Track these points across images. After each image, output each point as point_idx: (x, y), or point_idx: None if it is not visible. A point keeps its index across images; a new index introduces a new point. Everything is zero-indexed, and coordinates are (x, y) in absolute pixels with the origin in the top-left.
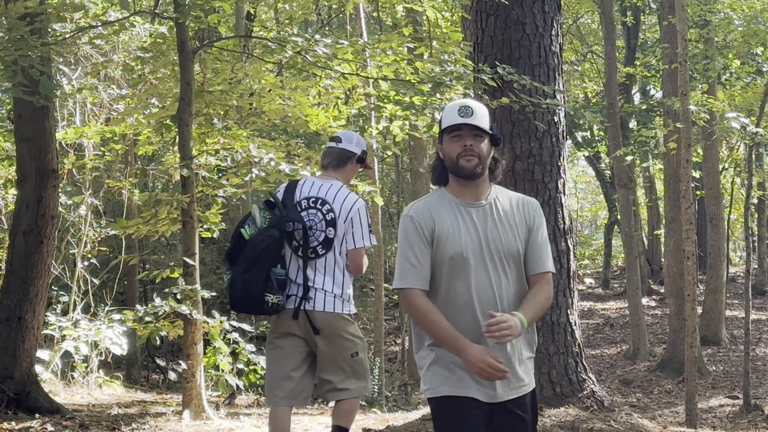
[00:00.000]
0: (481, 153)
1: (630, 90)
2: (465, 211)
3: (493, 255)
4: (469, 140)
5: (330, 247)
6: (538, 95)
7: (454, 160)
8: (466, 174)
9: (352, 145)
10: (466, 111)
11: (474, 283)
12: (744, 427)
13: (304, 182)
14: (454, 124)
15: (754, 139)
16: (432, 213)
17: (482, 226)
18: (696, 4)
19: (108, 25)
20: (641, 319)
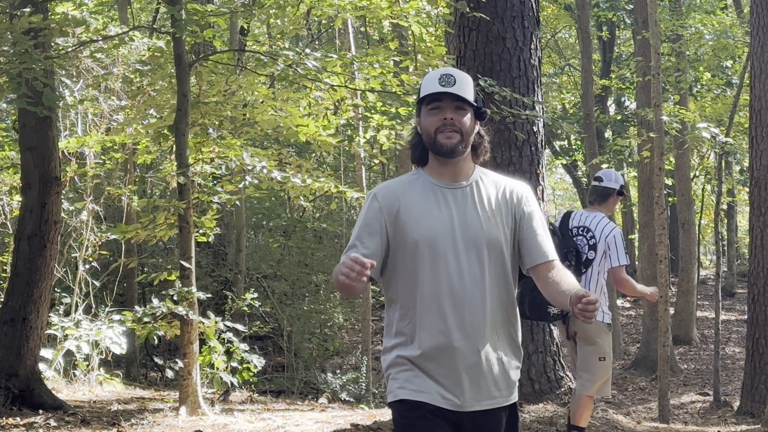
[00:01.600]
0: (463, 127)
1: (605, 101)
2: (440, 193)
3: (469, 242)
4: (449, 113)
5: (590, 266)
6: (518, 106)
7: (432, 135)
8: (445, 151)
9: (611, 183)
10: (448, 79)
11: (442, 272)
12: (714, 422)
13: (575, 214)
14: (433, 93)
15: (723, 148)
16: (399, 194)
17: (459, 210)
18: (668, 20)
19: (108, 39)
20: (616, 319)
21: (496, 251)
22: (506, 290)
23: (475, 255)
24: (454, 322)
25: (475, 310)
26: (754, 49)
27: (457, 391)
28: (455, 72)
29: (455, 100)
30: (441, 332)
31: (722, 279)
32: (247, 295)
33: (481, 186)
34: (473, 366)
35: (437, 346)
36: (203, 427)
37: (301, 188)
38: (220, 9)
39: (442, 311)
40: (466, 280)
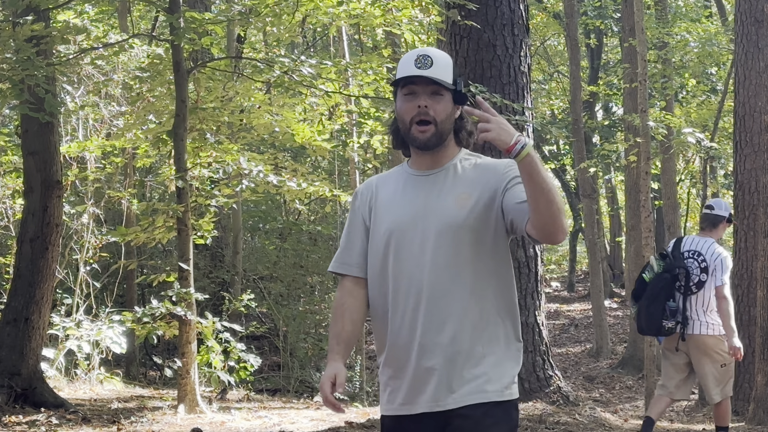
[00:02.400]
0: (438, 116)
1: (593, 107)
2: (412, 181)
3: (441, 230)
4: (424, 99)
5: (701, 287)
6: (508, 112)
7: (407, 125)
8: (418, 145)
9: (722, 211)
10: (424, 61)
11: (405, 265)
12: (699, 420)
13: (687, 239)
14: (408, 76)
15: (708, 152)
16: (377, 187)
17: (425, 195)
18: (654, 28)
19: (108, 46)
20: (604, 319)
21: (469, 236)
22: (488, 276)
23: (446, 243)
24: (421, 315)
25: (444, 302)
26: (738, 57)
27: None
28: (433, 52)
29: (431, 83)
30: (406, 329)
31: None
32: (243, 296)
33: (458, 168)
34: (443, 362)
35: (401, 345)
36: (201, 424)
37: (296, 192)
38: (217, 17)
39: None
40: (433, 272)
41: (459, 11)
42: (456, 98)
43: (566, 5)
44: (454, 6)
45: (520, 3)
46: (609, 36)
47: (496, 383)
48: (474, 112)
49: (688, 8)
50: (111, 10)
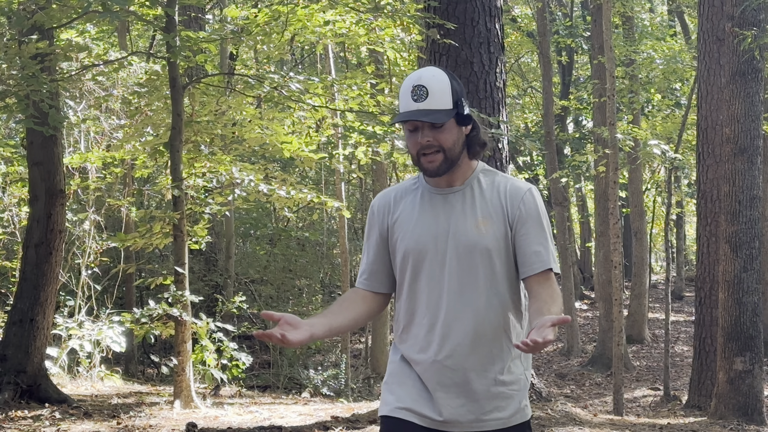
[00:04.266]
0: (444, 145)
1: (565, 120)
2: (432, 199)
3: (461, 252)
4: (427, 135)
5: None
6: (484, 125)
7: (416, 157)
8: (429, 174)
9: None
10: (420, 92)
11: (424, 285)
12: (664, 415)
13: None
14: (407, 113)
15: (673, 163)
16: (393, 201)
17: (446, 216)
18: (622, 46)
19: (109, 63)
20: (574, 320)
21: (486, 261)
22: (501, 303)
23: (466, 265)
24: (435, 337)
25: (458, 325)
26: (700, 73)
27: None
28: (428, 79)
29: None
30: (421, 345)
31: (672, 283)
32: (236, 298)
33: (475, 189)
34: (454, 384)
35: (416, 362)
36: (196, 419)
37: (285, 200)
38: (211, 36)
39: (421, 323)
40: (451, 294)
41: (438, 30)
42: (459, 120)
43: (539, 25)
44: (433, 26)
45: (495, 22)
46: (579, 53)
47: (509, 409)
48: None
49: (653, 27)
50: (111, 30)
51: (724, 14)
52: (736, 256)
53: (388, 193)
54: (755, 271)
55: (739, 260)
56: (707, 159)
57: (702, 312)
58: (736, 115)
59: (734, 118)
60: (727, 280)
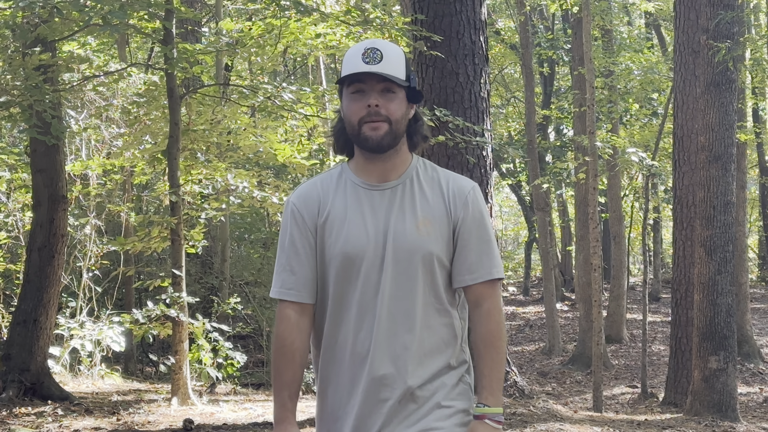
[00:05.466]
0: (391, 115)
1: (546, 129)
2: (365, 195)
3: (399, 257)
4: (374, 98)
5: None
6: (469, 134)
7: (356, 126)
8: (370, 146)
9: None
10: (373, 55)
11: (359, 294)
12: (642, 411)
13: None
14: (355, 74)
15: (650, 170)
16: (320, 198)
17: (384, 216)
18: (601, 57)
19: (109, 74)
20: (556, 321)
21: (428, 267)
22: (443, 313)
23: (404, 272)
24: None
25: (399, 338)
26: (676, 83)
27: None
28: (383, 44)
29: (381, 80)
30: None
31: (649, 285)
32: (231, 300)
33: (414, 185)
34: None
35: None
36: (192, 415)
37: (278, 206)
38: (207, 48)
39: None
40: (391, 303)
41: (425, 42)
42: (410, 96)
43: (522, 37)
44: (420, 38)
45: (480, 35)
46: (560, 65)
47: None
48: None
49: (631, 40)
50: (111, 42)
51: (699, 27)
52: (710, 259)
53: (308, 190)
54: (729, 273)
55: (714, 263)
56: (683, 166)
57: (678, 313)
58: (711, 124)
59: (709, 126)
60: (702, 282)
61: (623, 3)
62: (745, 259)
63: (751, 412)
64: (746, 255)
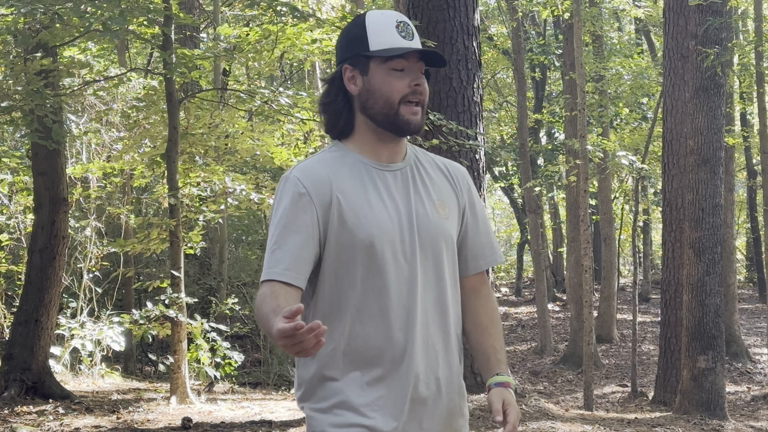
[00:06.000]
0: (425, 99)
1: (538, 133)
2: (379, 177)
3: (424, 241)
4: (420, 77)
5: None
6: (462, 137)
7: (395, 105)
8: (411, 130)
9: None
10: (408, 29)
11: (391, 283)
12: (632, 410)
13: None
14: (399, 48)
15: (640, 173)
16: (330, 178)
17: (404, 199)
18: (592, 62)
19: (109, 79)
20: (547, 321)
21: (450, 251)
22: (455, 296)
23: (431, 257)
24: (409, 343)
25: (433, 328)
26: (666, 88)
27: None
28: (407, 20)
29: (419, 59)
30: (391, 360)
31: (638, 286)
32: (228, 300)
33: (420, 167)
34: (430, 395)
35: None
36: (191, 413)
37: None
38: (205, 53)
39: (389, 334)
40: (422, 291)
41: None
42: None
43: (514, 43)
44: None
45: (473, 41)
46: (552, 70)
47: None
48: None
49: (622, 45)
50: (111, 47)
51: (688, 33)
52: (699, 261)
53: (314, 167)
54: (717, 274)
55: (702, 264)
56: (672, 169)
57: (667, 313)
58: (700, 127)
59: (698, 130)
60: (691, 283)
61: (613, 9)
62: (733, 260)
63: (739, 411)
64: (734, 256)
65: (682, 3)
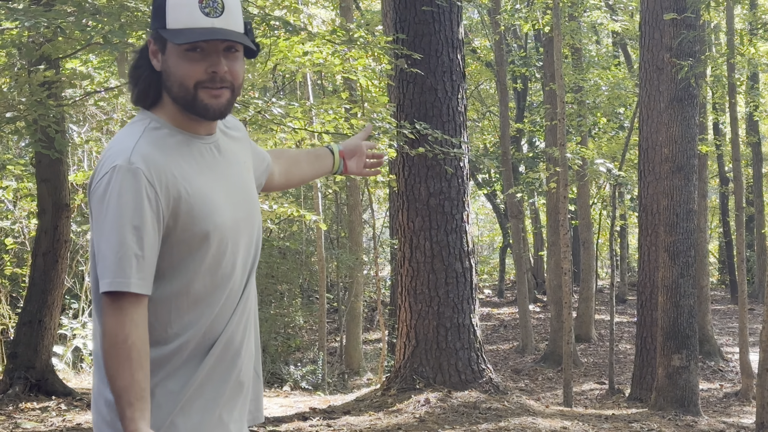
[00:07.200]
0: (236, 80)
1: (520, 141)
2: (204, 152)
3: (245, 222)
4: (219, 62)
5: None
6: (447, 146)
7: (191, 89)
8: (210, 116)
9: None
10: (214, 4)
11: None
12: (609, 406)
13: None
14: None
15: (617, 180)
16: (168, 163)
17: (226, 173)
18: (571, 74)
19: (109, 90)
20: (528, 321)
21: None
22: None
23: (254, 235)
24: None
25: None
26: (642, 98)
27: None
28: None
29: (226, 39)
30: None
31: (616, 288)
32: None
33: (226, 133)
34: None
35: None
36: None
37: (268, 213)
38: None
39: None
40: (243, 280)
41: (406, 60)
42: (248, 52)
43: (497, 55)
44: (401, 56)
45: (457, 53)
46: (533, 81)
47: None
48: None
49: (599, 57)
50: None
51: (663, 46)
52: (673, 264)
53: (149, 151)
54: (691, 277)
55: (677, 267)
56: (648, 176)
57: (643, 314)
58: (674, 136)
59: (672, 139)
60: (666, 285)
61: (592, 23)
62: (706, 263)
63: (711, 407)
64: (707, 260)
65: (657, 17)
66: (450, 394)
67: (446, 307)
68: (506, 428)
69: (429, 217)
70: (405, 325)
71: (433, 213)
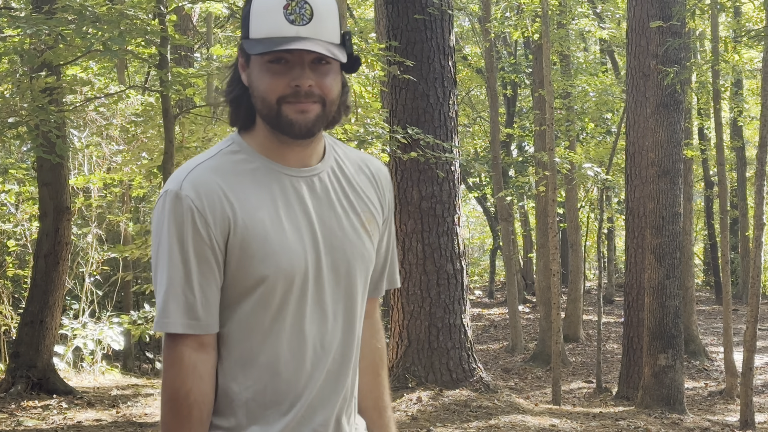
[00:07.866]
0: (327, 95)
1: (509, 146)
2: (291, 186)
3: (339, 270)
4: (305, 76)
5: None
6: (439, 150)
7: (274, 105)
8: (296, 134)
9: None
10: (302, 10)
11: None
12: (597, 404)
13: None
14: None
15: (604, 183)
16: (227, 192)
17: (320, 213)
18: (560, 80)
19: (109, 96)
20: (518, 321)
21: (364, 279)
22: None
23: (343, 290)
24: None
25: (343, 374)
26: (629, 104)
27: None
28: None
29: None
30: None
31: (603, 289)
32: None
33: (344, 168)
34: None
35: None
36: None
37: None
38: (199, 72)
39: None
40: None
41: (398, 67)
42: (346, 65)
43: (487, 62)
44: (394, 63)
45: (449, 60)
46: (522, 87)
47: None
48: None
49: (587, 64)
50: (111, 66)
51: (649, 53)
52: (660, 266)
53: (205, 180)
54: (677, 278)
55: (663, 269)
56: (635, 180)
57: (630, 314)
58: (660, 141)
59: (658, 144)
60: (652, 286)
61: (580, 31)
62: (692, 265)
63: (696, 405)
64: (692, 261)
65: (644, 25)
66: (442, 393)
67: (438, 308)
68: (496, 426)
69: (421, 220)
70: (397, 326)
71: (425, 216)
